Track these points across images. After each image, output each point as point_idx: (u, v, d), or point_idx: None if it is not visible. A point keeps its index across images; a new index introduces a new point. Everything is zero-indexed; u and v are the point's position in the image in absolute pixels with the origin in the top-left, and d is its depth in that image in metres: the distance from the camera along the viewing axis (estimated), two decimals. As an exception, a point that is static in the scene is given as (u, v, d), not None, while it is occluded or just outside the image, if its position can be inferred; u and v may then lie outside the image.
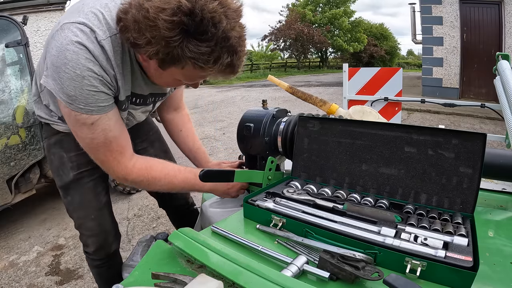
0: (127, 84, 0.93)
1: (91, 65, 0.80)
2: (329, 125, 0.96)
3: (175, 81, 0.90)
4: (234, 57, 0.75)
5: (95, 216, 1.22)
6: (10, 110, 2.61)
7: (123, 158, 0.95)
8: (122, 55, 0.86)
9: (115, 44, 0.83)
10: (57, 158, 1.16)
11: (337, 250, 0.63)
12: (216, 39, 0.70)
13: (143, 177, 0.97)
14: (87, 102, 0.82)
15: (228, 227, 0.82)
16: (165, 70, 0.80)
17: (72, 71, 0.78)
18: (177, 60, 0.73)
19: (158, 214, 3.05)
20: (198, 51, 0.70)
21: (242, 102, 9.50)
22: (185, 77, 0.85)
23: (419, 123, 6.44)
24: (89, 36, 0.79)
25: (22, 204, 2.88)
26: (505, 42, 7.89)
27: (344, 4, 28.01)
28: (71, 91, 0.80)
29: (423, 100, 2.99)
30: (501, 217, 0.88)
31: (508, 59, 1.89)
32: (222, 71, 0.78)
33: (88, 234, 1.24)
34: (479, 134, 0.76)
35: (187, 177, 1.01)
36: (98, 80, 0.82)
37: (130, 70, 0.91)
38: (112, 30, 0.82)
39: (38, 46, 5.72)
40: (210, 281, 0.54)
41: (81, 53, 0.78)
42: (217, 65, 0.74)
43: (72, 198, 1.20)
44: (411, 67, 33.74)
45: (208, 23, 0.68)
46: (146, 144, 1.39)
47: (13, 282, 2.18)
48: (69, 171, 1.16)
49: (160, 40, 0.70)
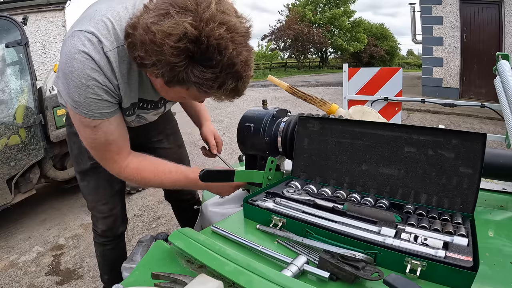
0: (133, 92, 0.96)
1: (96, 75, 0.82)
2: (329, 125, 0.97)
3: (181, 98, 0.94)
4: (239, 82, 0.76)
5: (107, 201, 1.33)
6: (10, 110, 2.61)
7: (119, 158, 0.99)
8: (129, 64, 0.88)
9: (122, 54, 0.85)
10: (76, 147, 1.25)
11: (337, 250, 0.63)
12: (222, 65, 0.71)
13: (133, 177, 1.02)
14: (90, 108, 0.86)
15: (228, 227, 0.82)
16: (170, 88, 0.81)
17: (77, 79, 0.81)
18: (182, 83, 0.75)
19: (158, 214, 3.05)
20: (202, 76, 0.71)
21: (242, 102, 9.48)
22: (190, 96, 0.88)
23: (419, 123, 6.44)
24: (96, 47, 0.81)
25: (22, 204, 2.88)
26: (505, 42, 7.89)
27: (344, 4, 28.00)
28: (76, 97, 0.84)
29: (423, 100, 3.00)
30: (501, 217, 0.88)
31: (508, 59, 1.89)
32: (226, 95, 0.79)
33: (100, 216, 1.35)
34: (479, 134, 0.76)
35: (178, 179, 1.04)
36: (102, 90, 0.85)
37: (137, 79, 0.94)
38: (120, 40, 0.84)
39: (38, 46, 5.71)
40: (210, 281, 0.54)
41: (87, 63, 0.81)
42: (222, 90, 0.75)
43: (88, 183, 1.30)
44: (411, 67, 33.73)
45: (213, 50, 0.68)
46: (162, 136, 1.45)
47: (13, 282, 2.18)
48: (87, 160, 1.23)
49: (165, 65, 0.71)
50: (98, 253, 1.49)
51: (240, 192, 1.18)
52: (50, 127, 2.81)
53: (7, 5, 5.17)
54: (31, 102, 2.70)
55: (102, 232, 1.39)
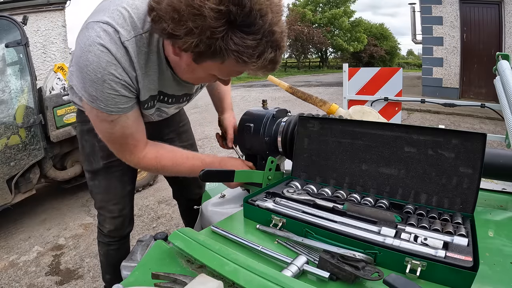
0: (153, 84, 0.92)
1: (113, 69, 0.79)
2: (329, 125, 0.96)
3: (209, 76, 0.86)
4: (278, 52, 0.72)
5: (118, 201, 1.31)
6: (10, 110, 2.61)
7: (136, 150, 0.98)
8: (147, 55, 0.85)
9: (140, 44, 0.82)
10: (89, 145, 1.23)
11: (337, 250, 0.63)
12: (263, 32, 0.67)
13: (152, 166, 1.01)
14: (107, 103, 0.83)
15: (228, 227, 0.82)
16: (199, 64, 0.77)
17: (93, 74, 0.78)
18: (218, 54, 0.69)
19: (158, 214, 3.05)
20: (243, 44, 0.67)
21: (242, 102, 9.49)
22: (222, 72, 0.81)
23: (419, 123, 6.44)
24: (112, 37, 0.77)
25: (22, 204, 2.88)
26: (505, 42, 7.89)
27: (344, 4, 28.02)
28: (92, 92, 0.80)
29: (423, 100, 3.00)
30: (501, 217, 0.88)
31: (508, 59, 1.89)
32: (264, 66, 0.73)
33: (108, 215, 1.33)
34: (479, 134, 0.76)
35: (194, 164, 1.04)
36: (119, 85, 0.82)
37: (157, 70, 0.90)
38: (137, 29, 0.81)
39: (38, 46, 5.71)
40: (210, 281, 0.54)
41: (102, 56, 0.77)
42: (261, 60, 0.70)
43: (99, 182, 1.28)
44: (411, 67, 33.74)
45: (256, 14, 0.65)
46: (174, 135, 1.43)
47: (13, 282, 2.18)
48: (100, 160, 1.22)
49: (203, 31, 0.65)
50: (101, 253, 1.47)
51: (240, 192, 1.18)
52: (50, 127, 2.81)
53: (7, 5, 5.17)
54: (31, 102, 2.70)
55: (108, 232, 1.37)
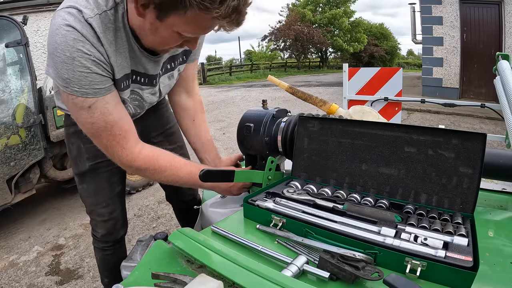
0: (125, 61, 0.91)
1: (80, 46, 0.79)
2: (329, 125, 0.96)
3: (174, 35, 0.82)
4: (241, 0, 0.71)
5: (106, 204, 1.27)
6: (10, 110, 2.61)
7: (128, 143, 0.93)
8: (115, 31, 0.85)
9: (106, 21, 0.82)
10: (75, 147, 1.21)
11: (337, 250, 0.63)
12: None
13: (149, 164, 0.96)
14: (81, 84, 0.81)
15: (228, 227, 0.82)
16: (163, 21, 0.76)
17: (62, 54, 0.78)
18: (180, 3, 0.68)
19: (158, 214, 3.05)
20: None
21: (242, 102, 9.50)
22: (186, 27, 0.78)
23: (419, 123, 6.44)
24: (76, 17, 0.78)
25: (22, 204, 2.88)
26: (505, 42, 7.89)
27: (344, 4, 27.99)
28: (64, 74, 0.80)
29: (423, 100, 2.99)
30: (501, 217, 0.88)
31: (508, 59, 1.89)
32: (228, 15, 0.71)
33: (99, 219, 1.30)
34: (479, 134, 0.76)
35: (192, 171, 1.00)
36: (90, 61, 0.81)
37: (126, 46, 0.89)
38: (101, 7, 0.81)
39: (38, 46, 5.70)
40: (210, 281, 0.54)
41: (68, 35, 0.77)
42: (224, 6, 0.68)
43: (87, 185, 1.25)
44: (411, 67, 33.69)
45: None
46: (162, 137, 1.40)
47: (13, 282, 2.18)
48: (86, 161, 1.20)
49: None
50: (98, 258, 1.45)
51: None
52: (50, 127, 2.81)
53: (7, 5, 5.17)
54: (31, 102, 2.70)
55: (101, 237, 1.33)
